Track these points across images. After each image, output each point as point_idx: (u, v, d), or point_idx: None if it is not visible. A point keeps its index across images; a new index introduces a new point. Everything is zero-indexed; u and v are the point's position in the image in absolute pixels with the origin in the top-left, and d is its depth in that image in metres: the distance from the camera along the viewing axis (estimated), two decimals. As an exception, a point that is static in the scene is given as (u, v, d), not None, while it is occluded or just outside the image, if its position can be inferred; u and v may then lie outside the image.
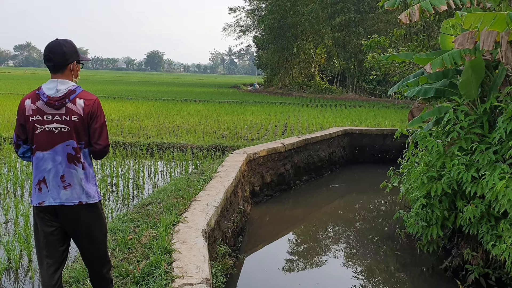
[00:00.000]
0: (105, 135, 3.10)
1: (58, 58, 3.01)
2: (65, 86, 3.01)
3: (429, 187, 5.81)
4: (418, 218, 6.09)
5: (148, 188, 8.94)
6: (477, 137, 5.79)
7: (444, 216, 5.89)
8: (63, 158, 3.01)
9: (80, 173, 3.05)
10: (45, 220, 3.05)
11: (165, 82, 62.05)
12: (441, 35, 7.84)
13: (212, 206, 5.53)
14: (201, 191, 6.31)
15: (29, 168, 9.51)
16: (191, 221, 4.97)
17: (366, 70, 37.73)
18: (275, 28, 43.28)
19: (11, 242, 5.29)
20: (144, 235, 4.73)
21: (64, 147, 3.00)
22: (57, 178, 3.01)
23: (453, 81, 6.71)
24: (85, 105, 3.02)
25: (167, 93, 34.69)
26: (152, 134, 14.08)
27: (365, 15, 36.77)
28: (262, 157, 9.47)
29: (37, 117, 2.98)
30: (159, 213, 5.50)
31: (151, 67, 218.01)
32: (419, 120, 6.54)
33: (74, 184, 3.02)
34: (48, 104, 2.97)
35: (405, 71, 12.88)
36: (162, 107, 22.63)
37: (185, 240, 4.41)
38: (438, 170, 5.97)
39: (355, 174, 13.22)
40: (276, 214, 8.93)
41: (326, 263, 6.90)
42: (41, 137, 2.99)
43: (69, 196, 3.02)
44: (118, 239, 4.76)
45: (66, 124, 2.99)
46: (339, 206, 10.04)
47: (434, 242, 6.19)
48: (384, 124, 17.52)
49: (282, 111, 23.70)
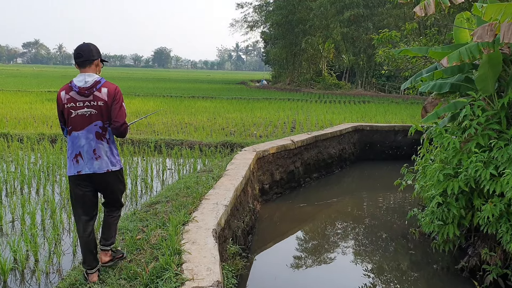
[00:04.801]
0: (122, 114, 3.81)
1: (86, 54, 3.75)
2: (92, 78, 3.75)
3: (446, 185, 5.63)
4: (433, 217, 5.92)
5: (156, 186, 8.82)
6: (495, 133, 5.61)
7: (461, 215, 5.72)
8: (93, 136, 3.77)
9: (106, 147, 3.83)
10: (82, 185, 3.83)
11: (172, 79, 62.00)
12: (454, 29, 7.63)
13: (222, 205, 5.40)
14: (211, 189, 6.17)
15: (36, 166, 9.43)
16: (200, 220, 4.84)
17: (375, 65, 37.43)
18: (283, 24, 42.90)
19: (17, 242, 5.18)
20: (153, 235, 4.61)
21: (93, 126, 3.76)
22: (90, 151, 3.77)
23: (468, 75, 6.52)
24: (108, 92, 3.76)
25: (174, 90, 34.60)
26: (160, 131, 13.97)
27: (374, 10, 36.34)
28: (271, 155, 9.32)
29: (71, 104, 3.73)
30: (168, 212, 5.38)
31: (158, 63, 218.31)
32: (435, 116, 6.35)
33: (103, 156, 3.80)
34: (80, 93, 3.72)
35: (417, 66, 12.63)
36: (170, 104, 22.52)
37: (195, 240, 4.28)
38: (455, 167, 5.79)
39: (366, 171, 13.04)
40: (286, 212, 8.78)
41: (337, 262, 6.75)
42: (75, 120, 3.75)
43: (100, 166, 3.80)
44: (127, 239, 4.65)
45: (94, 108, 3.74)
46: (350, 203, 9.87)
47: (450, 241, 6.01)
48: (394, 120, 17.28)
49: (291, 107, 23.49)
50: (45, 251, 5.50)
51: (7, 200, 7.44)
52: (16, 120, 14.87)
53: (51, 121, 15.20)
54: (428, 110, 8.16)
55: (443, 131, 5.98)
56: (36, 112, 17.63)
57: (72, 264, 5.14)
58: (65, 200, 7.48)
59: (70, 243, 5.73)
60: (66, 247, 5.73)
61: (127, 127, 3.87)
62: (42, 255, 5.33)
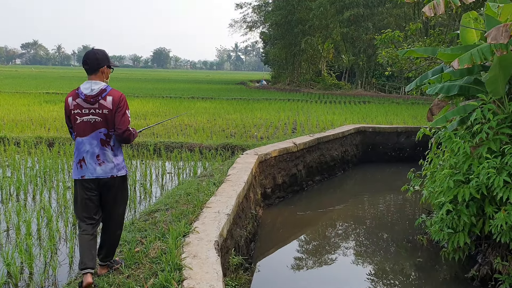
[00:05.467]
0: (125, 121, 3.85)
1: (92, 62, 3.83)
2: (98, 86, 3.82)
3: (456, 192, 5.43)
4: (443, 225, 5.72)
5: (155, 191, 8.61)
6: (506, 137, 5.40)
7: (472, 223, 5.51)
8: (97, 142, 3.83)
9: (110, 153, 3.88)
10: (87, 189, 3.87)
11: (171, 79, 61.76)
12: (461, 29, 7.42)
13: (224, 214, 5.18)
14: (212, 196, 5.96)
15: (33, 170, 9.22)
16: (202, 231, 4.63)
17: (375, 66, 37.19)
18: (282, 24, 42.61)
19: (11, 253, 4.97)
20: (152, 247, 4.39)
21: (98, 133, 3.83)
22: (93, 157, 3.83)
23: (478, 77, 6.31)
24: (113, 100, 3.82)
25: (173, 91, 34.37)
26: (159, 133, 13.76)
27: (374, 10, 36.14)
28: (273, 158, 9.11)
29: (77, 110, 3.81)
30: (168, 221, 5.16)
31: (157, 64, 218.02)
32: (443, 119, 6.14)
33: (107, 162, 3.85)
34: (86, 101, 3.79)
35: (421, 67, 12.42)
36: (169, 105, 22.31)
37: (196, 254, 4.07)
38: (465, 173, 5.58)
39: (368, 173, 12.83)
40: (288, 217, 8.58)
41: (342, 270, 6.55)
42: (80, 126, 3.83)
43: (103, 171, 3.85)
44: (124, 251, 4.43)
45: (99, 116, 3.81)
46: (354, 208, 9.65)
47: (460, 249, 5.80)
48: (396, 121, 17.09)
49: (291, 108, 23.29)
50: (40, 262, 5.29)
51: (2, 207, 7.23)
52: (14, 123, 14.65)
53: (49, 123, 14.99)
54: (434, 113, 7.95)
55: (452, 136, 5.76)
56: (34, 114, 17.43)
57: (68, 276, 4.94)
58: (62, 207, 7.27)
59: (67, 254, 5.52)
60: (62, 257, 5.51)
61: (130, 134, 3.92)
62: (38, 267, 5.11)
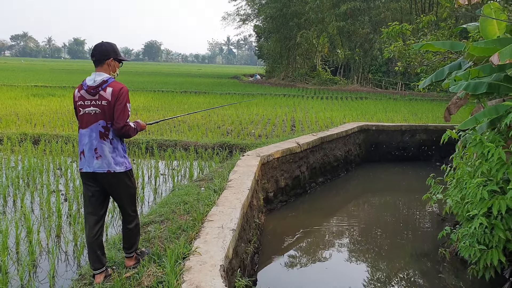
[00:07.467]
0: (124, 116, 3.71)
1: (98, 54, 3.79)
2: (100, 77, 3.75)
3: (490, 203, 4.81)
4: (473, 240, 5.09)
5: (148, 195, 7.90)
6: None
7: (507, 238, 4.90)
8: (96, 135, 3.74)
9: (109, 147, 3.76)
10: (88, 183, 3.82)
11: (163, 73, 60.80)
12: (481, 21, 6.80)
13: (228, 229, 4.51)
14: (213, 206, 5.28)
15: (15, 171, 8.48)
16: (204, 252, 3.94)
17: (371, 61, 36.61)
18: (277, 17, 41.75)
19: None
20: (146, 273, 3.71)
21: (97, 125, 3.73)
22: (91, 150, 3.74)
23: (508, 74, 5.69)
24: (113, 92, 3.70)
25: (165, 84, 33.57)
26: (151, 130, 13.03)
27: (370, 4, 35.51)
28: (276, 159, 8.44)
29: (81, 102, 3.77)
30: (164, 238, 4.48)
31: (148, 57, 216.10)
32: (473, 120, 5.50)
33: (104, 156, 3.74)
34: (88, 92, 3.74)
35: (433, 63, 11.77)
36: (161, 100, 21.54)
37: (199, 283, 3.38)
38: (499, 182, 4.96)
39: (372, 174, 12.21)
40: (292, 223, 7.92)
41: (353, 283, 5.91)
42: (83, 117, 3.78)
43: (100, 165, 3.74)
44: (113, 276, 3.76)
45: (98, 107, 3.71)
46: (360, 213, 9.01)
47: (492, 267, 5.19)
48: (396, 118, 16.48)
49: (287, 103, 22.63)
50: (16, 282, 4.61)
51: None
52: (3, 119, 13.84)
53: (36, 119, 14.21)
54: (452, 112, 7.34)
55: (484, 139, 5.13)
56: (21, 108, 16.64)
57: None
58: (45, 214, 6.57)
59: (48, 271, 4.84)
60: (42, 275, 4.84)
61: (130, 129, 3.78)
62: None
